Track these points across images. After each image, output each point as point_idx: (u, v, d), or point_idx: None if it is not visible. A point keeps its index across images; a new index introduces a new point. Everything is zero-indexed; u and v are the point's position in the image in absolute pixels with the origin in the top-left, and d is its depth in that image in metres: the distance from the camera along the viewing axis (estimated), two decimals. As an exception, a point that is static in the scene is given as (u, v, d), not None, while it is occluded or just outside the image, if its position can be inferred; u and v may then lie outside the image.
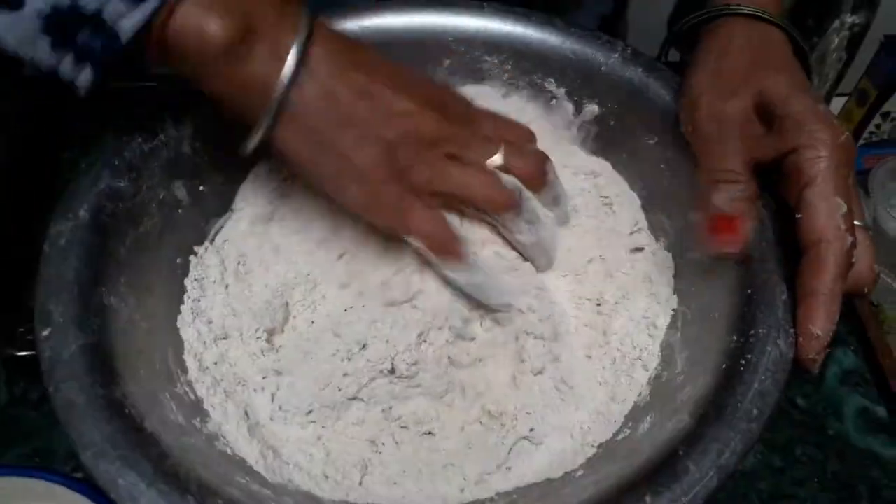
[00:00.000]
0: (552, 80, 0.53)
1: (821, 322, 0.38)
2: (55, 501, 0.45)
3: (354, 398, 0.43)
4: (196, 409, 0.42)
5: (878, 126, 0.81)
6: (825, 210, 0.39)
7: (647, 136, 0.51)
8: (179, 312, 0.46)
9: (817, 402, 0.57)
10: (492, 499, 0.41)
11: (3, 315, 0.55)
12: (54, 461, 0.52)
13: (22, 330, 0.53)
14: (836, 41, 0.82)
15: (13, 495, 0.46)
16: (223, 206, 0.50)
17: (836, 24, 0.80)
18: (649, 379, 0.44)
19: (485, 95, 0.53)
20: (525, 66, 0.53)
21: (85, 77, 0.37)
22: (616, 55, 0.51)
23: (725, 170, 0.42)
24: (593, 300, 0.47)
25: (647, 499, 0.35)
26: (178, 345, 0.45)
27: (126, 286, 0.42)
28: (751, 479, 0.54)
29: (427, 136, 0.41)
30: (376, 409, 0.43)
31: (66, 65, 0.36)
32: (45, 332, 0.38)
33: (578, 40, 0.52)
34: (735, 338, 0.40)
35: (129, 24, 0.36)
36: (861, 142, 0.80)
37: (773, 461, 0.54)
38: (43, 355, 0.37)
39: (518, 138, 0.46)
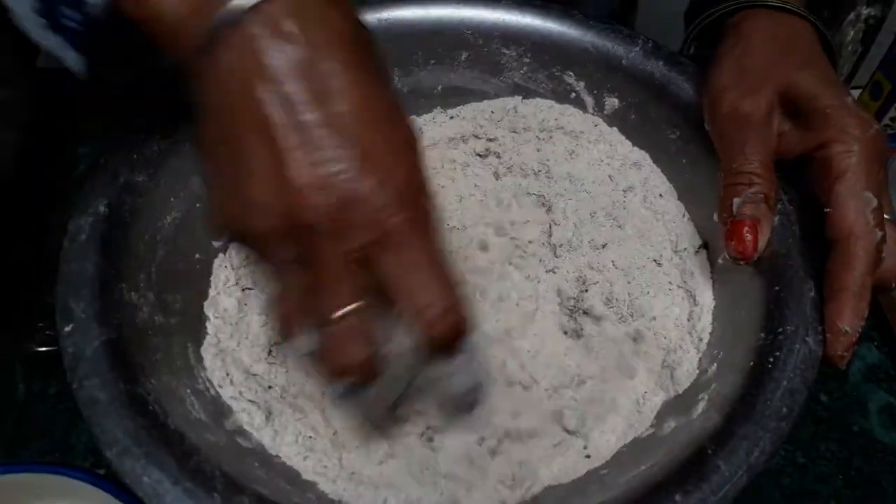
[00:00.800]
0: (571, 73, 0.53)
1: (849, 318, 0.38)
2: (76, 497, 0.45)
3: None
4: (218, 405, 0.42)
5: (893, 119, 0.80)
6: (855, 205, 0.39)
7: (668, 130, 0.51)
8: (201, 308, 0.45)
9: (841, 399, 0.57)
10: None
11: (21, 310, 0.55)
12: (74, 456, 0.51)
13: (41, 325, 0.53)
14: (852, 34, 0.82)
15: (33, 492, 0.46)
16: None
17: (852, 16, 0.80)
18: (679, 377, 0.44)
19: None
20: (544, 58, 0.53)
21: (73, 57, 0.36)
22: (637, 48, 0.51)
23: (743, 172, 0.42)
24: (628, 298, 0.47)
25: (678, 497, 0.34)
26: (199, 341, 0.44)
27: (146, 282, 0.42)
28: (774, 476, 0.53)
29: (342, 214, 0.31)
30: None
31: (64, 51, 0.36)
32: (68, 329, 0.38)
33: (598, 33, 0.52)
34: (763, 335, 0.40)
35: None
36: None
37: (796, 458, 0.54)
38: (66, 351, 0.37)
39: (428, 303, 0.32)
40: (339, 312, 0.32)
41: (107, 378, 0.37)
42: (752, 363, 0.39)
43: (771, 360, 0.39)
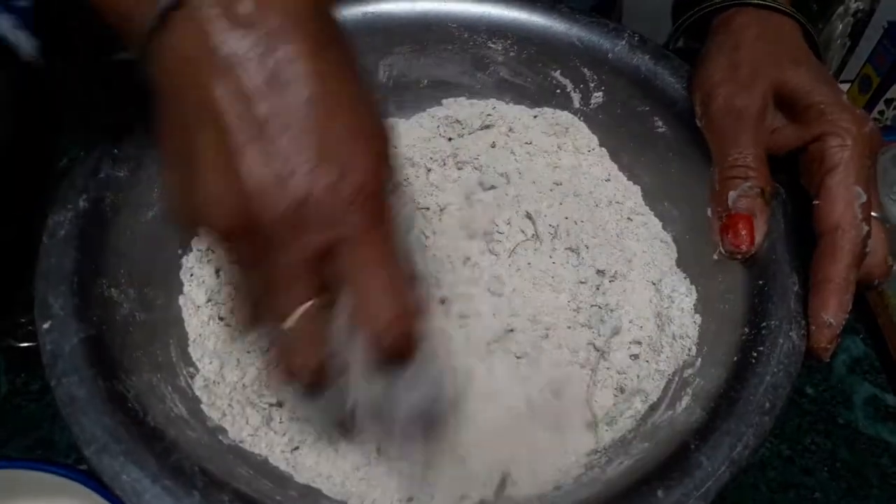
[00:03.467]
0: (557, 67, 0.52)
1: (833, 310, 0.38)
2: (59, 493, 0.45)
3: None
4: (198, 402, 0.42)
5: (881, 113, 0.80)
6: (844, 198, 0.39)
7: (655, 124, 0.50)
8: (180, 305, 0.45)
9: (826, 391, 0.57)
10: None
11: (2, 306, 0.54)
12: (56, 452, 0.51)
13: (23, 321, 0.53)
14: (840, 27, 0.82)
15: (16, 488, 0.45)
16: None
17: (841, 10, 0.80)
18: (662, 373, 0.44)
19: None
20: (529, 52, 0.52)
21: (25, 38, 0.35)
22: (623, 42, 0.51)
23: (738, 165, 0.42)
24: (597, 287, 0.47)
25: (660, 493, 0.34)
26: (182, 337, 0.44)
27: (126, 278, 0.42)
28: (760, 469, 0.53)
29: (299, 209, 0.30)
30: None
31: (10, 27, 0.35)
32: (46, 325, 0.37)
33: (584, 27, 0.52)
34: (747, 330, 0.40)
35: None
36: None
37: (781, 450, 0.54)
38: (44, 348, 0.37)
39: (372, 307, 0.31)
40: (293, 315, 0.30)
41: (85, 375, 0.36)
42: (735, 358, 0.39)
43: (755, 354, 0.39)
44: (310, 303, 0.30)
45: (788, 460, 0.54)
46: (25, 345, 0.53)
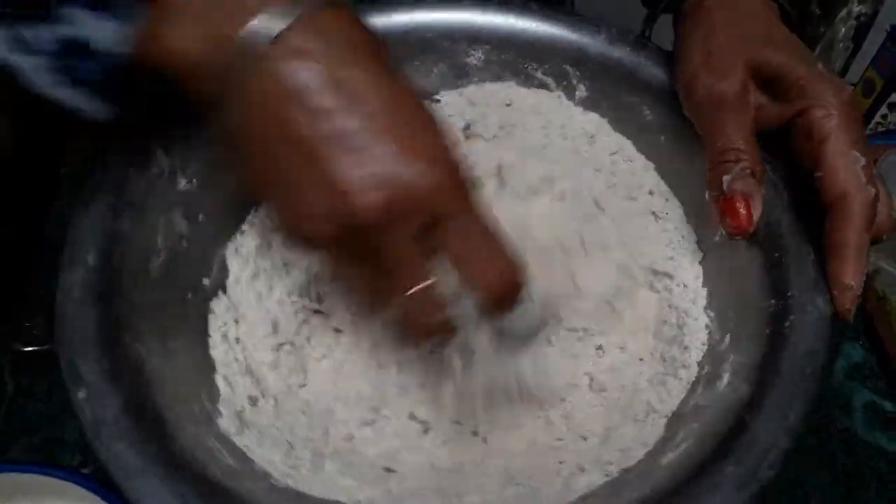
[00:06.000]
0: (536, 65, 0.53)
1: (852, 273, 0.39)
2: (63, 496, 0.45)
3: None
4: (245, 451, 0.41)
5: (884, 117, 0.80)
6: (844, 164, 0.40)
7: (642, 112, 0.51)
8: (205, 350, 0.44)
9: (825, 396, 0.57)
10: None
11: (7, 310, 0.54)
12: (62, 453, 0.52)
13: (28, 325, 0.53)
14: (843, 30, 0.82)
15: (20, 491, 0.46)
16: (224, 233, 0.48)
17: (843, 13, 0.79)
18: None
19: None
20: (509, 55, 0.53)
21: (96, 106, 0.36)
22: (601, 35, 0.51)
23: (728, 149, 0.43)
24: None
25: (731, 468, 0.35)
26: (212, 389, 0.43)
27: (148, 331, 0.41)
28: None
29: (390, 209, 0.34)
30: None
31: (81, 100, 0.36)
32: (83, 395, 0.36)
33: (561, 24, 0.52)
34: (773, 302, 0.41)
35: (117, 47, 0.35)
36: (867, 132, 0.80)
37: (778, 455, 0.54)
38: (85, 417, 0.36)
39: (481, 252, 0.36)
40: (414, 289, 0.35)
41: (134, 439, 0.35)
42: (768, 330, 0.41)
43: (787, 325, 0.40)
44: (426, 282, 0.35)
45: (786, 465, 0.54)
46: (30, 349, 0.53)
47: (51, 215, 0.45)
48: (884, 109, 0.81)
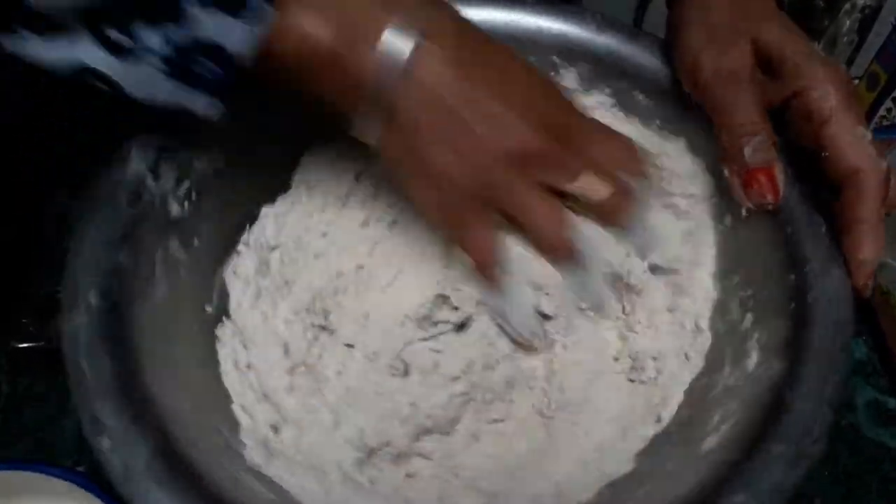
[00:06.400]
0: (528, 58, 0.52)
1: (868, 248, 0.40)
2: (58, 496, 0.45)
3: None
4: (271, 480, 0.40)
5: (889, 111, 0.79)
6: (851, 142, 0.40)
7: (638, 98, 0.51)
8: (219, 383, 0.43)
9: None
10: None
11: (8, 309, 0.54)
12: (58, 454, 0.51)
13: (24, 321, 0.53)
14: (848, 24, 0.82)
15: (16, 490, 0.46)
16: (220, 255, 0.47)
17: (848, 6, 0.79)
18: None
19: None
20: None
21: (208, 105, 0.37)
22: (592, 24, 0.51)
23: (747, 122, 0.42)
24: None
25: (782, 447, 0.35)
26: (231, 420, 0.42)
27: (161, 367, 0.39)
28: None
29: (518, 156, 0.40)
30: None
31: (196, 101, 0.36)
32: (108, 445, 0.35)
33: (547, 14, 0.51)
34: (793, 277, 0.41)
35: (245, 48, 0.35)
36: (871, 126, 0.79)
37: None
38: (112, 466, 0.34)
39: (615, 160, 0.43)
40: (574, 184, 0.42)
41: (171, 488, 0.34)
42: (792, 305, 0.41)
43: (809, 299, 0.40)
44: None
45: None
46: (27, 345, 0.53)
47: (50, 215, 0.44)
48: (888, 103, 0.80)
